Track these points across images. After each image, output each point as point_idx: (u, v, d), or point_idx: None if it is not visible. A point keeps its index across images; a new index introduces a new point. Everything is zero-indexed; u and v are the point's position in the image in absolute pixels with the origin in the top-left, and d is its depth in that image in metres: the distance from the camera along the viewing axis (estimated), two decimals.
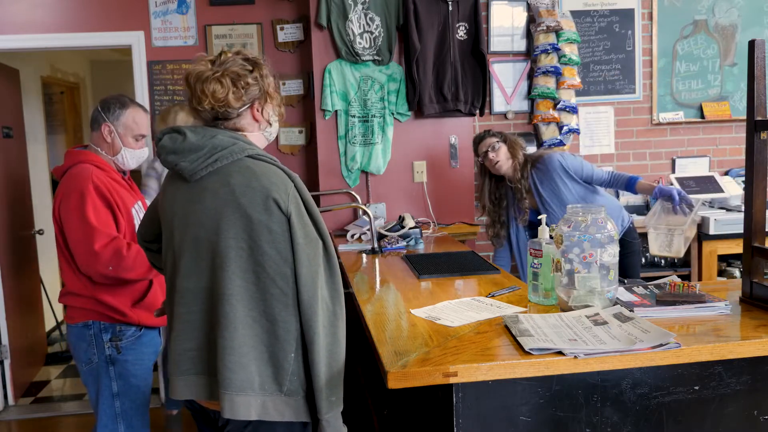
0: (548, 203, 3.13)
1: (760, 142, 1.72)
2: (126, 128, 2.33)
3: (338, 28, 3.68)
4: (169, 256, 1.65)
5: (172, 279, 1.64)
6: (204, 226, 1.54)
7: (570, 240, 1.72)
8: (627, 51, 4.22)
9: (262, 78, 1.63)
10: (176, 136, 1.59)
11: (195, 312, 1.57)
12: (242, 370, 1.49)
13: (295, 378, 1.53)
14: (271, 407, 1.51)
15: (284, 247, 1.50)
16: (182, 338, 1.58)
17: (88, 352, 2.28)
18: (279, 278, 1.50)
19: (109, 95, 2.40)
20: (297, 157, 3.99)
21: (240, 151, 1.54)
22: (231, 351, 1.49)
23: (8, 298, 4.05)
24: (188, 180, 1.57)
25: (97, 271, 2.19)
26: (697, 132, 4.35)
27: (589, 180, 3.16)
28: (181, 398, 1.61)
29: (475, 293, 2.11)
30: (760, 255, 1.76)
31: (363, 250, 3.07)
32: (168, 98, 3.88)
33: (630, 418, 1.53)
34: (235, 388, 1.48)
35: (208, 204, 1.54)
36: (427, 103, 3.75)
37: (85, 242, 2.17)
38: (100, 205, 2.21)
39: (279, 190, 1.51)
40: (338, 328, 1.55)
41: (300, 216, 1.52)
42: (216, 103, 1.57)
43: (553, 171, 3.13)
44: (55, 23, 3.78)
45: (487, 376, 1.43)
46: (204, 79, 1.56)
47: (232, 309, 1.49)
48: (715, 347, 1.50)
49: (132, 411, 2.33)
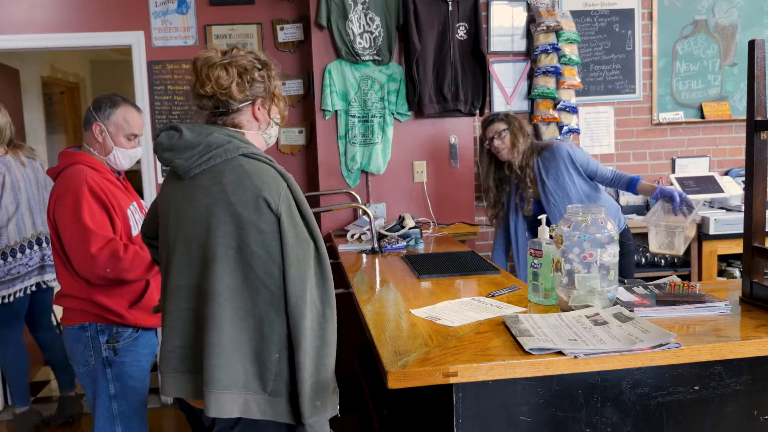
0: (551, 193, 3.13)
1: (760, 142, 1.72)
2: (117, 127, 2.30)
3: (338, 28, 3.68)
4: (163, 252, 1.66)
5: (165, 276, 1.64)
6: (195, 224, 1.54)
7: (570, 240, 1.72)
8: (627, 51, 4.22)
9: (269, 78, 1.64)
10: (173, 133, 1.59)
11: (184, 309, 1.57)
12: (228, 368, 1.48)
13: (280, 378, 1.51)
14: (254, 405, 1.51)
15: (274, 248, 1.49)
16: (171, 336, 1.58)
17: (85, 354, 2.27)
18: (267, 278, 1.50)
19: (101, 95, 2.38)
20: (297, 157, 3.99)
21: (234, 149, 1.54)
22: (217, 350, 1.48)
23: None
24: (183, 177, 1.57)
25: (94, 274, 2.17)
26: (697, 132, 4.35)
27: (593, 176, 3.17)
28: (171, 396, 1.61)
29: (475, 293, 2.11)
30: (760, 255, 1.76)
31: (363, 250, 3.07)
32: (168, 98, 3.88)
33: (630, 418, 1.53)
34: (221, 386, 1.48)
35: (200, 202, 1.54)
36: (427, 103, 3.75)
37: (82, 245, 2.15)
38: (95, 207, 2.19)
39: (270, 190, 1.50)
40: (327, 331, 1.53)
41: (291, 216, 1.51)
42: (219, 90, 1.57)
43: (560, 159, 3.13)
44: (55, 23, 3.78)
45: (487, 376, 1.43)
46: (211, 64, 1.58)
47: (220, 307, 1.49)
48: (715, 347, 1.50)
49: (130, 413, 2.32)
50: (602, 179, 3.18)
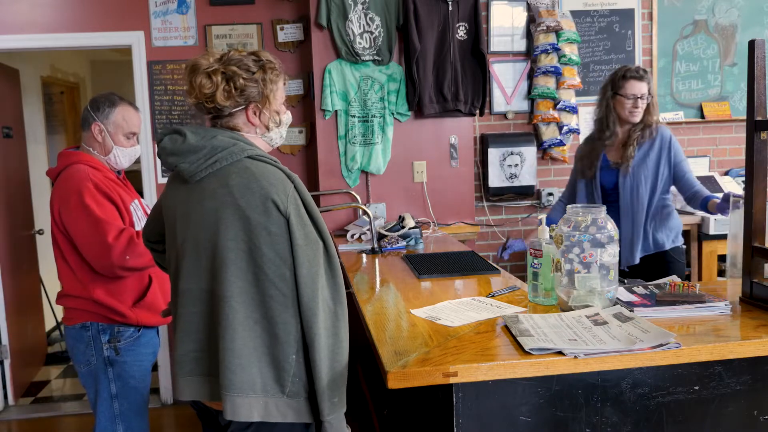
0: (634, 167, 2.91)
1: (760, 142, 1.72)
2: (116, 126, 2.31)
3: (338, 28, 3.68)
4: (172, 257, 1.66)
5: (175, 280, 1.64)
6: (203, 228, 1.54)
7: (570, 240, 1.72)
8: (627, 51, 4.22)
9: (264, 82, 1.60)
10: (176, 137, 1.58)
11: (196, 313, 1.57)
12: (243, 371, 1.49)
13: (297, 379, 1.52)
14: (274, 409, 1.51)
15: (283, 249, 1.50)
16: (185, 340, 1.59)
17: (87, 353, 2.27)
18: (278, 280, 1.50)
19: (99, 94, 2.38)
20: (297, 157, 3.99)
21: (240, 151, 1.54)
22: (232, 353, 1.49)
23: (8, 298, 4.05)
24: (188, 181, 1.57)
25: (111, 264, 2.17)
26: (697, 132, 4.35)
27: (681, 175, 2.93)
28: (185, 399, 1.61)
29: (475, 293, 2.11)
30: (760, 255, 1.76)
31: (363, 250, 3.08)
32: (168, 98, 3.89)
33: (630, 418, 1.53)
34: (236, 389, 1.48)
35: (207, 205, 1.54)
36: (427, 103, 3.75)
37: (98, 237, 2.16)
38: (102, 200, 2.20)
39: (278, 192, 1.50)
40: (340, 329, 1.55)
41: (299, 217, 1.51)
42: (202, 97, 1.57)
43: (660, 137, 2.92)
44: (55, 23, 3.78)
45: (487, 376, 1.43)
46: (195, 71, 1.57)
47: (232, 311, 1.49)
48: (715, 347, 1.50)
49: (131, 412, 2.32)
50: (688, 184, 2.92)
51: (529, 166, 4.05)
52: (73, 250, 2.24)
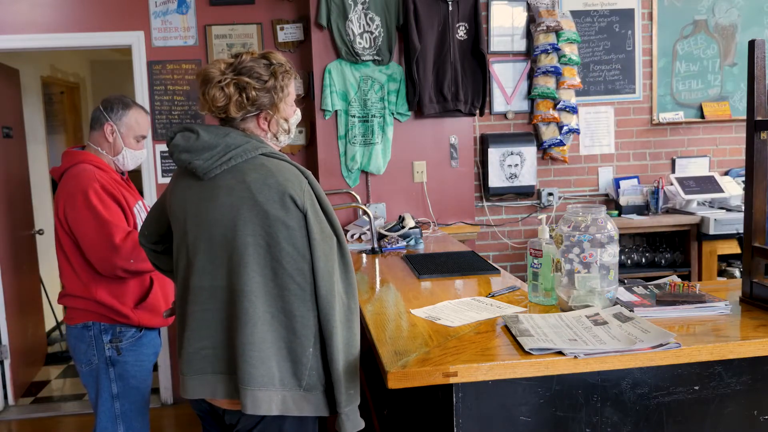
0: None
1: (760, 142, 1.72)
2: (128, 128, 2.33)
3: (338, 28, 3.68)
4: (182, 255, 1.64)
5: (185, 278, 1.63)
6: (219, 224, 1.54)
7: (570, 240, 1.72)
8: (627, 51, 4.22)
9: (275, 90, 1.61)
10: (189, 134, 1.59)
11: (210, 310, 1.57)
12: (263, 365, 1.50)
13: (314, 373, 1.54)
14: (291, 402, 1.52)
15: (301, 243, 1.51)
16: (196, 337, 1.58)
17: (88, 353, 2.27)
18: (297, 274, 1.51)
19: (110, 95, 2.40)
20: (297, 157, 3.99)
21: (253, 149, 1.56)
22: (251, 347, 1.49)
23: (8, 298, 4.05)
24: (201, 178, 1.57)
25: (115, 265, 2.17)
26: (697, 132, 4.35)
27: None
28: (194, 397, 1.61)
29: (475, 293, 2.11)
30: (760, 255, 1.76)
31: (363, 250, 3.08)
32: (168, 98, 3.88)
33: (630, 418, 1.53)
34: (257, 383, 1.49)
35: (223, 201, 1.54)
36: (427, 103, 3.75)
37: (104, 238, 2.16)
38: (108, 201, 2.21)
39: (294, 187, 1.52)
40: (353, 322, 1.57)
41: (315, 212, 1.53)
42: (215, 110, 1.58)
43: None
44: (55, 23, 3.78)
45: (487, 376, 1.43)
46: (208, 83, 1.57)
47: (252, 305, 1.50)
48: (715, 347, 1.50)
49: (132, 412, 2.32)
50: None
51: (529, 166, 4.05)
52: (76, 249, 2.24)
